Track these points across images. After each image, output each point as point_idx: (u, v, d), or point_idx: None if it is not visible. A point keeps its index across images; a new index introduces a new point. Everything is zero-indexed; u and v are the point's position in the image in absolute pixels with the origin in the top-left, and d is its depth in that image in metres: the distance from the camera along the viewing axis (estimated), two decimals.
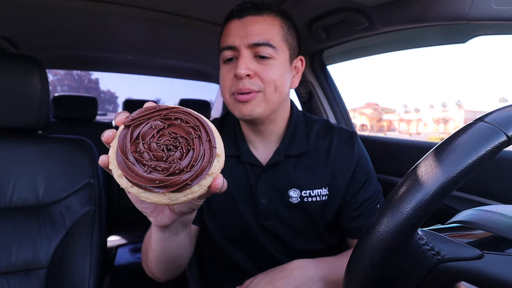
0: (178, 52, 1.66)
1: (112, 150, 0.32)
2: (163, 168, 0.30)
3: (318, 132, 0.73)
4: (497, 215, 0.33)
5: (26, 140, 0.83)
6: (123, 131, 0.32)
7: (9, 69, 0.77)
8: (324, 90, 1.40)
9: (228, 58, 0.64)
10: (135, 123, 0.32)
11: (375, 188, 0.70)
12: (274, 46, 0.62)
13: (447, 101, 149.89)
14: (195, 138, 0.31)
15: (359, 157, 0.70)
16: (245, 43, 0.61)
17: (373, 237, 0.30)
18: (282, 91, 0.64)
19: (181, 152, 0.31)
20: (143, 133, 0.31)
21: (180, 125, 0.32)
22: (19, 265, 0.74)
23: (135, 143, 0.31)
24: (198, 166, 0.30)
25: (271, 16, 0.63)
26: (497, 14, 0.62)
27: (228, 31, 0.64)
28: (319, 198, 0.68)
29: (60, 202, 0.81)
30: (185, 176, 0.30)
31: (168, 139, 0.31)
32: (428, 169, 0.29)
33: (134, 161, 0.30)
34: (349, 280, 0.34)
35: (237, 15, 0.63)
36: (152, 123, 0.32)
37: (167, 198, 0.31)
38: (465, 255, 0.29)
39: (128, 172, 0.30)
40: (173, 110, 0.33)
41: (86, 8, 1.03)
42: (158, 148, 0.31)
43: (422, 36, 0.97)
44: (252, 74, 0.61)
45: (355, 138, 0.72)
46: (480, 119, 0.30)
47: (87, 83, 64.30)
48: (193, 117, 0.33)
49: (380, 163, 1.10)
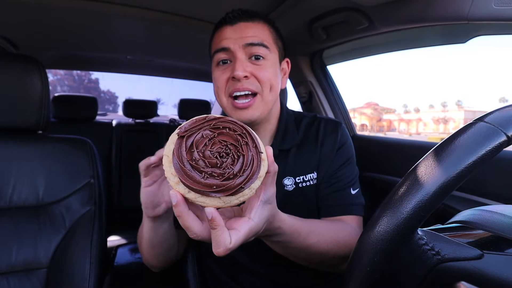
0: (178, 52, 1.66)
1: (166, 159, 0.35)
2: (219, 174, 0.33)
3: (306, 124, 0.77)
4: (497, 215, 0.33)
5: (26, 140, 0.83)
6: (177, 142, 0.34)
7: (9, 69, 0.77)
8: (324, 90, 1.40)
9: (222, 61, 0.66)
10: (188, 133, 0.34)
11: (352, 170, 0.73)
12: (268, 46, 0.65)
13: (447, 101, 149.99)
14: (243, 144, 0.35)
15: (342, 141, 0.74)
16: (240, 44, 0.63)
17: (373, 237, 0.30)
18: (276, 90, 0.68)
19: (232, 158, 0.34)
20: (196, 142, 0.34)
21: (228, 133, 0.35)
22: (19, 265, 0.74)
23: (190, 151, 0.34)
24: (249, 171, 0.34)
25: (261, 23, 0.67)
26: (497, 14, 0.62)
27: (221, 35, 0.66)
28: (311, 182, 0.72)
29: (60, 202, 0.81)
30: (239, 180, 0.33)
31: (220, 146, 0.34)
32: (428, 169, 0.29)
33: (191, 169, 0.33)
34: (349, 280, 0.34)
35: (229, 22, 0.66)
36: (203, 132, 0.35)
37: (222, 202, 0.34)
38: (465, 255, 0.29)
39: (187, 179, 0.33)
40: (220, 120, 0.36)
41: (86, 8, 1.03)
42: (212, 155, 0.34)
43: (422, 36, 0.97)
44: (249, 75, 0.63)
45: (340, 127, 0.76)
46: (480, 119, 0.30)
47: (87, 83, 64.29)
48: (239, 125, 0.36)
49: (380, 163, 1.10)
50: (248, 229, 0.38)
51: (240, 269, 0.76)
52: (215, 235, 0.35)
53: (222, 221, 0.35)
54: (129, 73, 2.30)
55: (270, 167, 0.38)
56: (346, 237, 0.59)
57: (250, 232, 0.38)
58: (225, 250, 0.35)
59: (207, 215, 0.34)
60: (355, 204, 0.69)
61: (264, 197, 0.39)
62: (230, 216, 0.42)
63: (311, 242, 0.53)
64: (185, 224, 0.36)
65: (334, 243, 0.57)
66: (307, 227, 0.53)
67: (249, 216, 0.39)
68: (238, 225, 0.38)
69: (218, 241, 0.35)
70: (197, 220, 0.37)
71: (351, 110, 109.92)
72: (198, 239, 0.38)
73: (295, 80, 1.48)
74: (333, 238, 0.57)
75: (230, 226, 0.38)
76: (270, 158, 0.38)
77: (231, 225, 0.38)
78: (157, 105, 2.41)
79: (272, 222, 0.44)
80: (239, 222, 0.38)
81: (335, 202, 0.69)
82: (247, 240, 0.39)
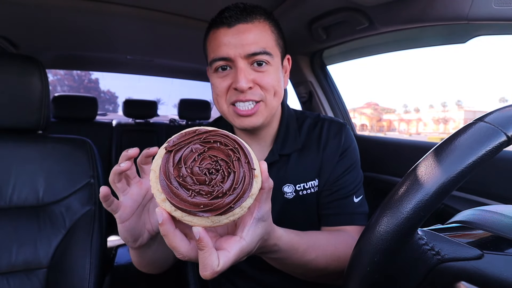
0: (178, 52, 1.66)
1: (153, 174, 0.33)
2: (207, 192, 0.31)
3: (309, 126, 0.73)
4: (497, 215, 0.33)
5: (27, 140, 0.83)
6: (165, 156, 0.32)
7: (9, 69, 0.77)
8: (324, 90, 1.40)
9: (222, 67, 0.62)
10: (176, 147, 0.32)
11: (356, 176, 0.69)
12: (271, 53, 0.61)
13: (447, 101, 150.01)
14: (235, 160, 0.32)
15: (347, 145, 0.70)
16: (241, 53, 0.58)
17: (373, 237, 0.30)
18: (280, 95, 0.65)
19: (222, 175, 0.32)
20: (184, 157, 0.32)
21: (219, 148, 0.33)
22: (19, 265, 0.74)
23: (177, 167, 0.32)
24: (240, 189, 0.32)
25: (261, 22, 0.61)
26: (497, 14, 0.62)
27: (218, 40, 0.60)
28: (312, 189, 0.68)
29: (60, 202, 0.81)
30: (228, 199, 0.31)
31: (210, 162, 0.32)
32: (428, 169, 0.29)
33: (178, 186, 0.31)
34: (349, 280, 0.34)
35: (226, 23, 0.60)
36: (193, 146, 0.33)
37: (210, 221, 0.32)
38: (465, 255, 0.29)
39: (173, 197, 0.31)
40: (211, 133, 0.34)
41: (86, 8, 1.03)
42: (201, 172, 0.32)
43: (422, 36, 0.97)
44: (253, 85, 0.60)
45: (344, 129, 0.72)
46: (480, 119, 0.30)
47: (87, 83, 64.27)
48: (231, 139, 0.34)
49: (380, 163, 1.10)
50: (239, 249, 0.35)
51: (238, 274, 0.74)
52: (202, 256, 0.32)
53: (210, 242, 0.33)
54: (129, 73, 2.30)
55: (264, 183, 0.36)
56: (347, 251, 0.55)
57: (241, 252, 0.36)
58: (212, 274, 0.33)
59: (194, 234, 0.32)
60: (358, 213, 0.66)
61: (258, 214, 0.37)
62: (223, 232, 0.39)
63: (310, 258, 0.50)
64: (171, 244, 0.34)
65: (334, 258, 0.54)
66: (305, 242, 0.50)
67: (241, 235, 0.36)
68: (228, 245, 0.35)
69: (205, 263, 0.33)
70: (184, 240, 0.34)
71: (351, 110, 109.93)
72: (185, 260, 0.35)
73: (295, 80, 1.48)
74: (332, 253, 0.54)
75: (220, 246, 0.35)
76: (265, 174, 0.36)
77: (221, 244, 0.35)
78: (157, 105, 2.41)
79: (267, 240, 0.41)
80: (230, 241, 0.35)
81: (336, 211, 0.66)
82: (238, 261, 0.36)
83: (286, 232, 0.46)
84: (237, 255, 0.35)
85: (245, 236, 0.36)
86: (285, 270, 0.53)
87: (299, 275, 0.55)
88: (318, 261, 0.52)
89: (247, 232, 0.36)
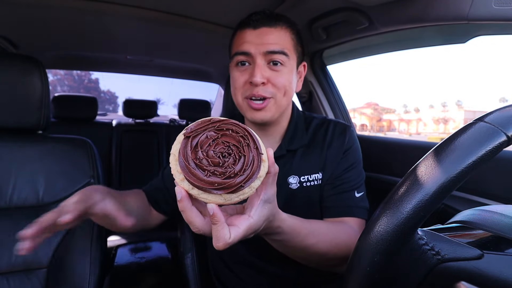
0: (178, 52, 1.65)
1: (173, 157, 0.37)
2: (220, 172, 0.35)
3: (316, 126, 0.79)
4: (497, 215, 0.33)
5: (26, 140, 0.83)
6: (183, 141, 0.36)
7: (9, 69, 0.77)
8: (324, 90, 1.40)
9: (241, 62, 0.68)
10: (193, 134, 0.37)
11: (359, 174, 0.74)
12: (287, 54, 0.67)
13: (447, 101, 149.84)
14: (245, 146, 0.37)
15: (350, 144, 0.75)
16: (260, 51, 0.65)
17: (373, 237, 0.30)
18: (290, 95, 0.70)
19: (234, 158, 0.36)
20: (200, 142, 0.36)
21: (231, 135, 0.37)
22: (19, 265, 0.74)
23: (194, 151, 0.36)
24: (249, 170, 0.36)
25: (284, 28, 0.68)
26: (497, 14, 0.62)
27: (242, 38, 0.68)
28: (316, 182, 0.73)
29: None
30: (239, 179, 0.35)
31: (223, 147, 0.36)
32: (428, 169, 0.29)
33: (195, 167, 0.35)
34: (349, 280, 0.34)
35: (252, 25, 0.67)
36: (208, 133, 0.37)
37: (223, 199, 0.36)
38: (465, 255, 0.29)
39: (191, 176, 0.35)
40: (224, 122, 0.38)
41: (86, 8, 1.03)
42: (215, 155, 0.36)
43: (422, 36, 0.97)
44: (266, 81, 0.66)
45: (349, 130, 0.77)
46: (480, 119, 0.30)
47: (87, 83, 64.29)
48: (241, 127, 0.38)
49: (380, 163, 1.10)
50: (247, 226, 0.39)
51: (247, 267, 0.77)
52: (216, 230, 0.37)
53: (223, 217, 0.37)
54: (129, 73, 2.30)
55: (270, 168, 0.40)
56: (346, 239, 0.60)
57: (250, 229, 0.40)
58: (225, 245, 0.37)
59: (208, 210, 0.36)
60: (359, 207, 0.69)
61: (265, 196, 0.41)
62: (232, 213, 0.44)
63: (310, 243, 0.54)
64: (188, 219, 0.38)
65: (333, 244, 0.57)
66: (307, 227, 0.54)
67: (249, 214, 0.40)
68: (238, 222, 0.39)
69: (218, 236, 0.37)
70: (199, 216, 0.39)
71: (351, 110, 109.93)
72: (200, 233, 0.39)
73: None
74: (332, 239, 0.58)
75: (230, 223, 0.39)
76: (271, 159, 0.40)
77: (232, 221, 0.39)
78: (157, 105, 2.41)
79: (272, 221, 0.45)
80: (240, 219, 0.40)
81: (338, 203, 0.70)
82: (246, 236, 0.40)
83: (289, 217, 0.50)
84: (245, 230, 0.39)
85: (253, 215, 0.40)
86: (286, 253, 0.56)
87: (300, 259, 0.58)
88: (319, 246, 0.55)
89: (254, 211, 0.40)
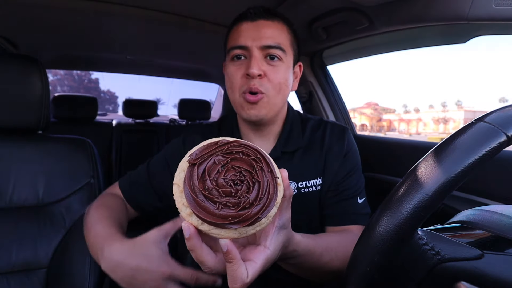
0: (178, 52, 1.65)
1: (177, 189, 0.33)
2: (234, 204, 0.31)
3: (312, 127, 0.76)
4: (497, 215, 0.33)
5: (26, 140, 0.83)
6: (188, 169, 0.32)
7: (9, 69, 0.77)
8: (324, 90, 1.40)
9: (237, 56, 0.66)
10: (199, 160, 0.32)
11: (358, 179, 0.72)
12: (284, 49, 0.65)
13: (447, 101, 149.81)
14: (258, 170, 0.32)
15: (348, 148, 0.73)
16: (257, 44, 0.63)
17: (373, 237, 0.30)
18: (285, 93, 0.68)
19: (247, 185, 0.32)
20: (208, 169, 0.32)
21: (242, 159, 0.33)
22: (19, 265, 0.74)
23: (202, 180, 0.32)
24: (266, 198, 0.32)
25: (281, 23, 0.67)
26: (497, 14, 0.62)
27: (239, 31, 0.66)
28: (315, 188, 0.70)
29: (60, 202, 0.81)
30: (255, 209, 0.31)
31: (234, 173, 0.32)
32: (428, 169, 0.29)
33: (204, 199, 0.31)
34: (349, 280, 0.34)
35: (249, 18, 0.65)
36: (215, 158, 0.33)
37: (237, 233, 0.32)
38: (465, 255, 0.29)
39: (200, 211, 0.31)
40: (233, 144, 0.34)
41: (86, 8, 1.03)
42: (226, 183, 0.32)
43: (422, 36, 0.97)
44: (263, 74, 0.63)
45: (346, 132, 0.75)
46: (480, 119, 0.30)
47: (87, 83, 64.29)
48: (252, 149, 0.34)
49: (380, 163, 1.10)
50: (264, 259, 0.35)
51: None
52: (231, 269, 0.32)
53: (238, 253, 0.33)
54: (129, 73, 2.30)
55: (285, 191, 0.36)
56: None
57: (267, 262, 0.36)
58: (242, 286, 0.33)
59: (222, 247, 0.32)
60: (362, 214, 0.68)
61: (280, 222, 0.38)
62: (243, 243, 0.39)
63: (325, 261, 0.51)
64: (198, 259, 0.34)
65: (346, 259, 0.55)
66: (320, 245, 0.51)
67: (265, 245, 0.36)
68: (254, 256, 0.35)
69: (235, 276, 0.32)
70: (211, 253, 0.34)
71: (351, 110, 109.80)
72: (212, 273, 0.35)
73: None
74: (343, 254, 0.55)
75: (245, 257, 0.35)
76: (286, 181, 0.36)
77: (247, 255, 0.35)
78: (157, 105, 2.41)
79: (288, 247, 0.42)
80: (255, 252, 0.35)
81: (341, 211, 0.68)
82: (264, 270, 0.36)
83: (303, 237, 0.46)
84: (263, 264, 0.35)
85: (269, 245, 0.36)
86: (301, 274, 0.53)
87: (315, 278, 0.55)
88: (333, 264, 0.52)
89: (270, 241, 0.36)
